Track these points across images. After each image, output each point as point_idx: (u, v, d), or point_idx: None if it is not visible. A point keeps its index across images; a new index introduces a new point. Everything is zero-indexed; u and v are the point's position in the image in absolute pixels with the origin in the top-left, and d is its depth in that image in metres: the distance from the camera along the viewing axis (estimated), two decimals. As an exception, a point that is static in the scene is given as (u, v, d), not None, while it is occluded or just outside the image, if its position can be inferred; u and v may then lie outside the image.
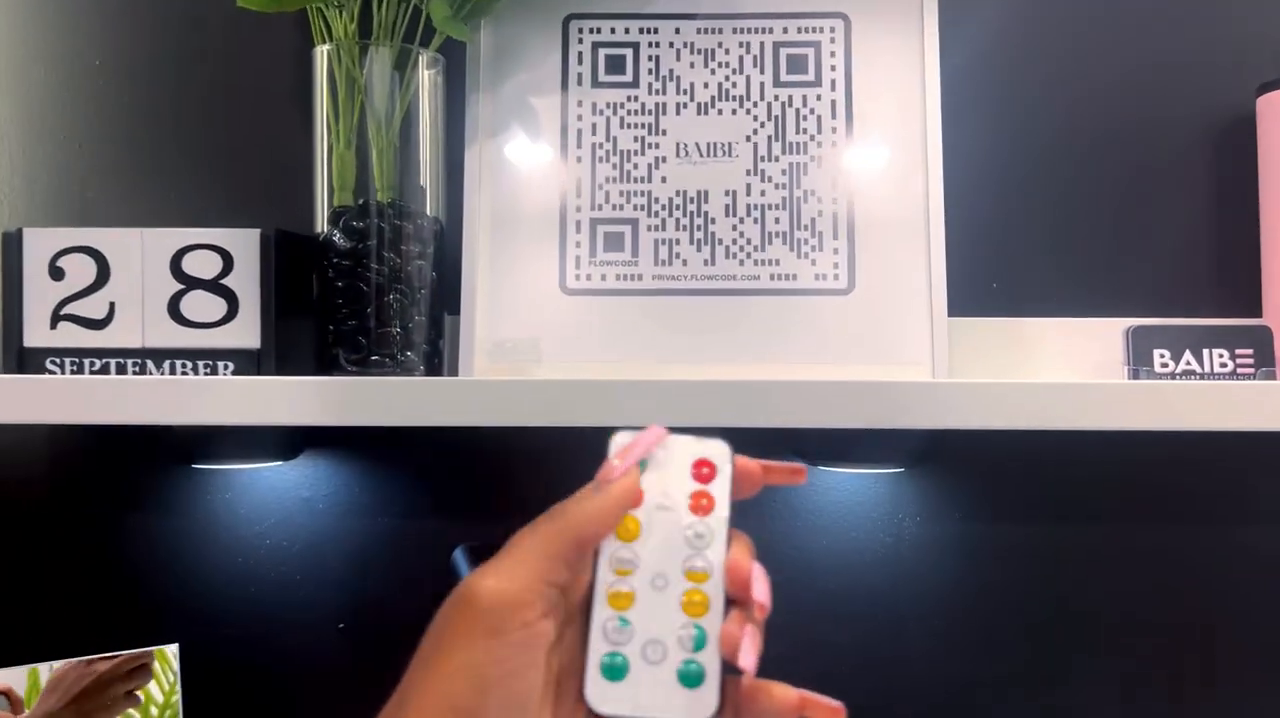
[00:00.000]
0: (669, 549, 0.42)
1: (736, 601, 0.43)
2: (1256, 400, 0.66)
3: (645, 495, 0.44)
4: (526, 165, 0.80)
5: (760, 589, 0.43)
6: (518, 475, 0.86)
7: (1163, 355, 0.76)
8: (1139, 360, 0.77)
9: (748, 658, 0.41)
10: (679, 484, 0.44)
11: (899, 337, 0.77)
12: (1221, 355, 0.76)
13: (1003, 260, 0.85)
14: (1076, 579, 0.85)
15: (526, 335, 0.78)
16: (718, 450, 0.44)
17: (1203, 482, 0.85)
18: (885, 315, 0.77)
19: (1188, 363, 0.76)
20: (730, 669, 0.42)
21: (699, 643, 0.41)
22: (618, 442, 0.45)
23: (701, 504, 0.43)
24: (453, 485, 0.87)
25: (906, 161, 0.78)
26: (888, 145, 0.79)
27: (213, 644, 0.85)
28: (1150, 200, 0.85)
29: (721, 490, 0.44)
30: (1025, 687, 0.85)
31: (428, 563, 0.85)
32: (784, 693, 0.42)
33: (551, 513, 0.43)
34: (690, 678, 0.41)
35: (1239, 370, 0.76)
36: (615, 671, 0.40)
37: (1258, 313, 0.82)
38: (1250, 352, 0.76)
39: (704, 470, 0.44)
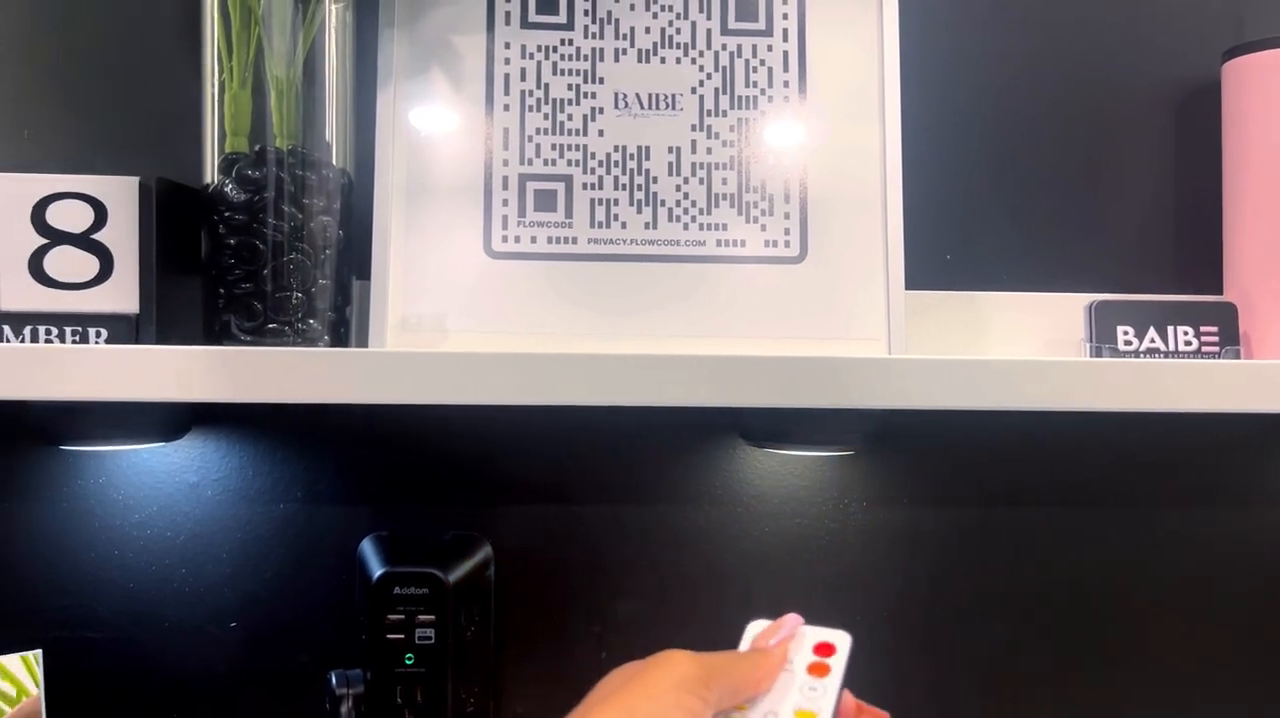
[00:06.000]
0: (783, 695, 0.51)
1: None
2: (1223, 380, 0.63)
3: None
4: (447, 114, 0.72)
5: None
6: (431, 458, 0.79)
7: (1126, 332, 0.73)
8: (1101, 338, 0.73)
9: None
10: (802, 656, 0.53)
11: (853, 309, 0.71)
12: (1187, 333, 0.73)
13: (957, 231, 0.80)
14: (1027, 565, 0.82)
15: (445, 303, 0.70)
16: (840, 637, 0.54)
17: (1163, 464, 0.83)
18: (839, 287, 0.71)
19: (1152, 340, 0.73)
20: None
21: None
22: (754, 627, 0.56)
23: (818, 669, 0.52)
24: (359, 469, 0.79)
25: (863, 121, 0.73)
26: (843, 102, 0.73)
27: (83, 649, 0.76)
28: (1111, 170, 0.82)
29: (838, 664, 0.52)
30: (974, 674, 0.82)
31: (330, 554, 0.77)
32: None
33: (725, 667, 0.51)
34: None
35: (1204, 349, 0.73)
36: None
37: (1219, 289, 0.78)
38: (1215, 329, 0.73)
39: (825, 649, 0.53)
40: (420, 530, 0.78)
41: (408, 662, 0.73)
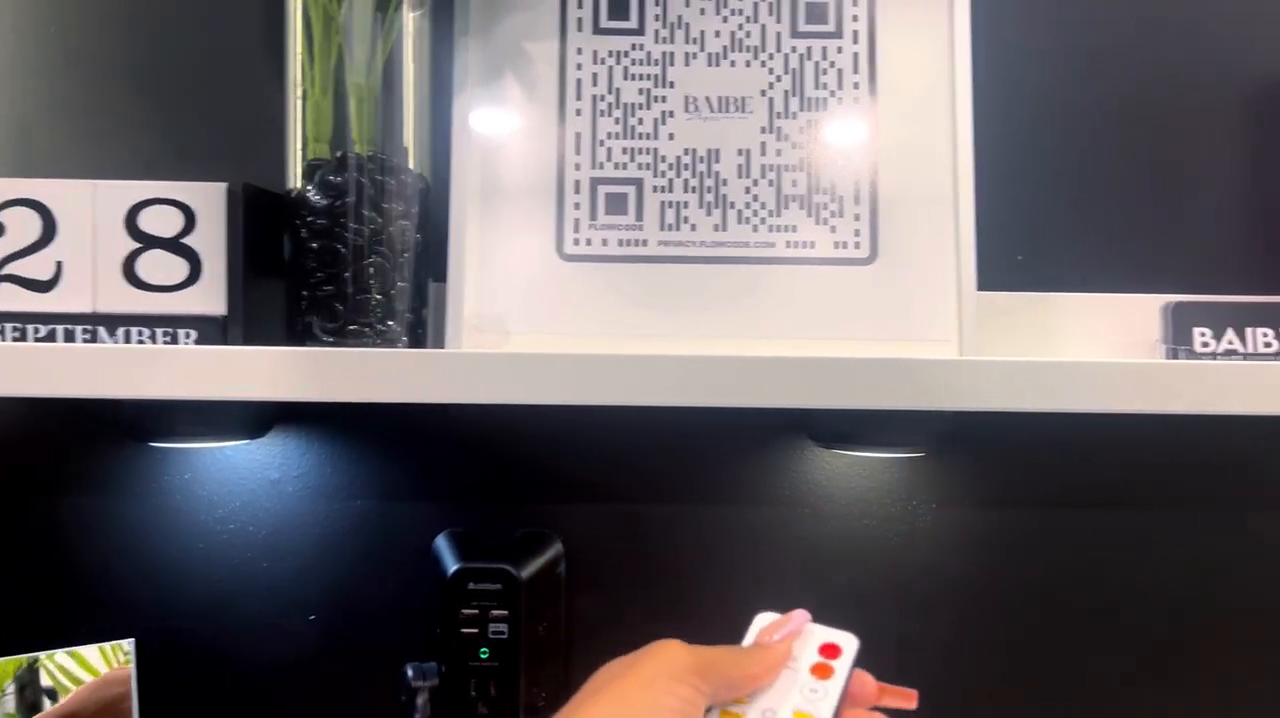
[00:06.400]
0: (784, 693, 0.50)
1: None
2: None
3: None
4: (520, 119, 0.73)
5: None
6: (502, 456, 0.80)
7: (1203, 334, 0.72)
8: (1178, 339, 0.72)
9: None
10: (806, 655, 0.52)
11: (924, 311, 0.71)
12: (1266, 334, 0.72)
13: (1029, 232, 0.79)
14: (1099, 569, 0.81)
15: (517, 304, 0.72)
16: (846, 639, 0.53)
17: (1240, 467, 0.81)
18: (909, 288, 0.71)
19: (1230, 342, 0.72)
20: None
21: None
22: (761, 619, 0.54)
23: (821, 670, 0.51)
24: (434, 466, 0.80)
25: (934, 121, 0.72)
26: (914, 103, 0.73)
27: (171, 638, 0.78)
28: (1186, 169, 0.80)
29: (842, 667, 0.51)
30: (1043, 678, 0.81)
31: (404, 550, 0.79)
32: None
33: (722, 660, 0.50)
34: None
35: (1284, 351, 0.71)
36: None
37: (1299, 290, 0.77)
38: (1296, 331, 0.72)
39: (831, 651, 0.52)
40: (492, 527, 0.79)
41: (482, 656, 0.74)
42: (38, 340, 0.66)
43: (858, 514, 0.80)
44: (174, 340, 0.66)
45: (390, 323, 0.68)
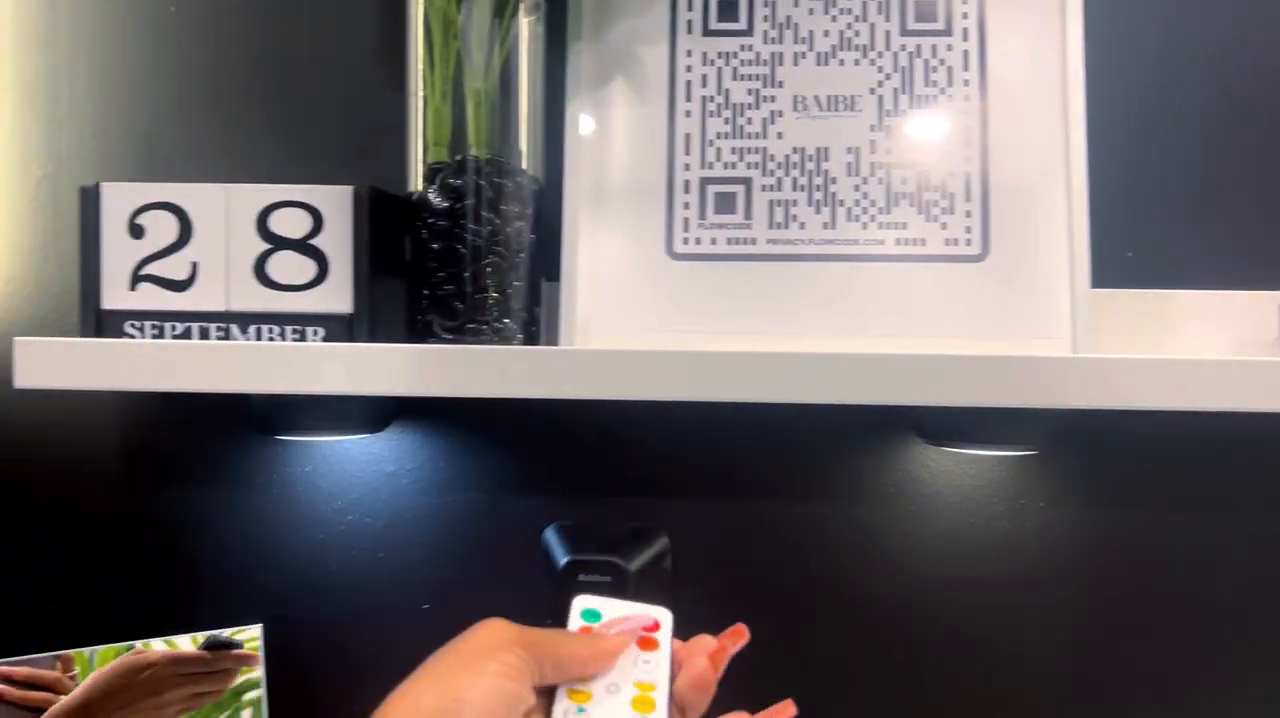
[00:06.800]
0: (622, 669, 0.52)
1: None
2: None
3: None
4: (631, 120, 0.75)
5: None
6: (613, 452, 0.81)
7: (1326, 331, 0.70)
8: (1298, 337, 0.70)
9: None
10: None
11: (1037, 308, 0.70)
12: (1393, 332, 0.70)
13: (1143, 228, 0.78)
14: (1211, 573, 0.80)
15: (628, 303, 0.73)
16: (662, 613, 0.56)
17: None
18: (1021, 285, 0.71)
19: (1355, 340, 0.70)
20: None
21: None
22: (580, 602, 0.56)
23: (647, 643, 0.55)
24: (545, 460, 0.82)
25: (1046, 117, 0.72)
26: (1025, 100, 0.72)
27: (294, 624, 0.81)
28: (1307, 162, 0.78)
29: (664, 638, 0.55)
30: (1154, 687, 0.80)
31: (515, 541, 0.81)
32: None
33: (548, 638, 0.50)
34: None
35: None
36: None
37: None
38: None
39: (651, 627, 0.55)
40: (600, 521, 0.81)
41: (592, 647, 0.76)
42: (174, 338, 0.69)
43: (963, 513, 0.80)
44: (302, 338, 0.69)
45: (506, 321, 0.70)
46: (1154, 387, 0.61)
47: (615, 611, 0.56)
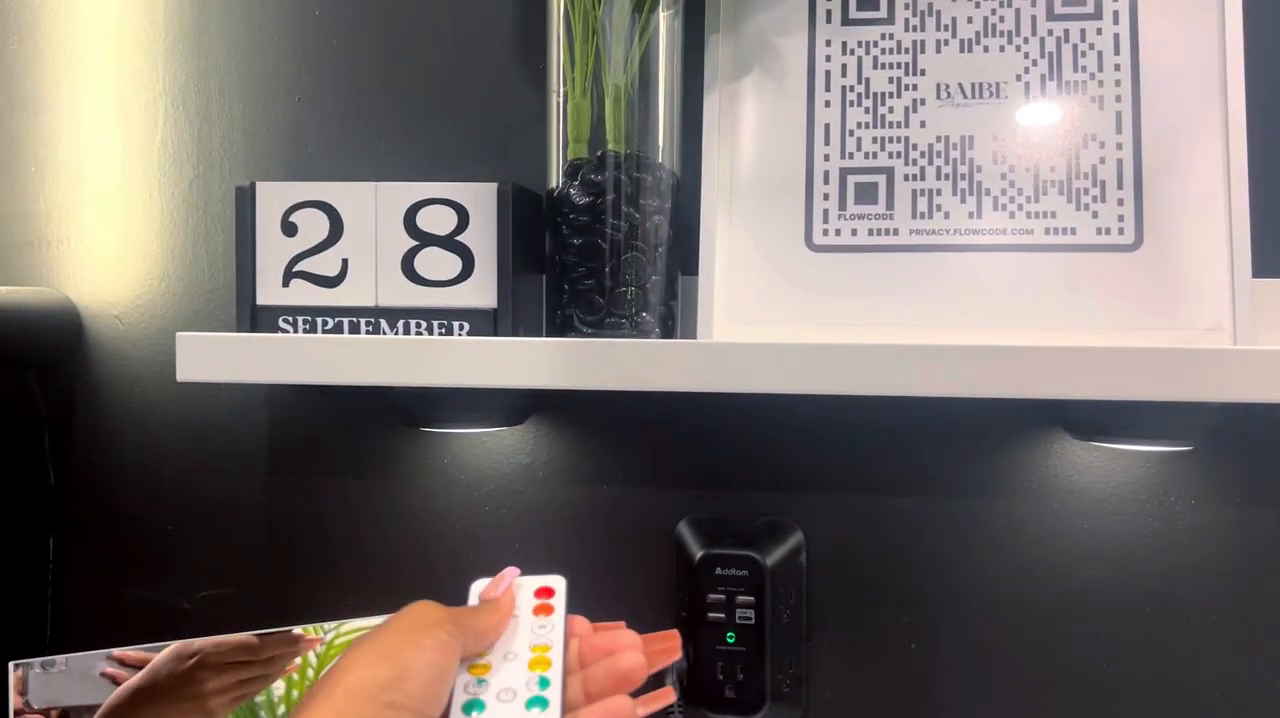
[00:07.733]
0: (517, 636, 0.54)
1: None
2: None
3: None
4: (769, 112, 0.74)
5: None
6: (748, 446, 0.81)
7: None
8: None
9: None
10: (526, 601, 0.56)
11: (1195, 298, 0.68)
12: None
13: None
14: (1381, 575, 0.76)
15: (767, 295, 0.73)
16: (556, 580, 0.58)
17: None
18: (1178, 274, 0.68)
19: None
20: None
21: (543, 683, 0.51)
22: (477, 586, 0.58)
23: (543, 609, 0.56)
24: (679, 454, 0.82)
25: (1202, 102, 0.69)
26: (1180, 84, 0.70)
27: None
28: None
29: (559, 603, 0.56)
30: (1316, 693, 0.76)
31: (649, 534, 0.81)
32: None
33: (467, 613, 0.53)
34: (538, 702, 0.50)
35: None
36: (473, 704, 0.50)
37: None
38: None
39: (545, 592, 0.57)
40: (734, 515, 0.81)
41: (729, 640, 0.76)
42: (326, 332, 0.71)
43: (1110, 510, 0.78)
44: (449, 332, 0.70)
45: (645, 315, 0.70)
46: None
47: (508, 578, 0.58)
